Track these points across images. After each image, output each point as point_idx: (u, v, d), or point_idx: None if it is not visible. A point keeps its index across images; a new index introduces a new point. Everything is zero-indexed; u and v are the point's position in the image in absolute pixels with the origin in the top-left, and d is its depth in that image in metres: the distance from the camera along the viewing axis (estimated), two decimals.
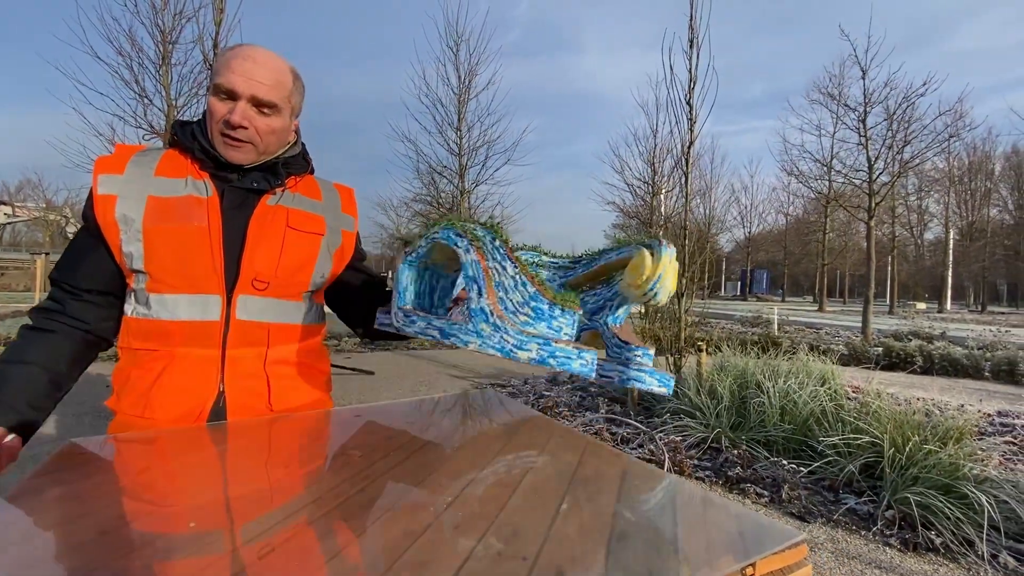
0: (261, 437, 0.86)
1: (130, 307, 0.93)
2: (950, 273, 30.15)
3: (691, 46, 4.35)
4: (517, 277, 0.73)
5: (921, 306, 30.34)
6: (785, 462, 3.12)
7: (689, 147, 4.36)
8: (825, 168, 16.34)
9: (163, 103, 8.14)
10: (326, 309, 1.21)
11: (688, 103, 4.31)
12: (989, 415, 4.36)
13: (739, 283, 43.47)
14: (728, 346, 5.57)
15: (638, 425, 3.75)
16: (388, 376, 6.17)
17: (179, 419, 0.90)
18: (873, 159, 10.49)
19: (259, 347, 0.97)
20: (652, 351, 0.71)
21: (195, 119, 1.03)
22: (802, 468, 3.04)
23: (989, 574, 2.16)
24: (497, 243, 0.74)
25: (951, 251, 30.19)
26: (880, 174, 10.44)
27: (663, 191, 14.40)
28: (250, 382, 0.96)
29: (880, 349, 8.15)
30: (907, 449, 2.76)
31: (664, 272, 0.73)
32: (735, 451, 3.32)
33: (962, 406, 4.47)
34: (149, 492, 0.65)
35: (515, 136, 14.28)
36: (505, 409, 1.06)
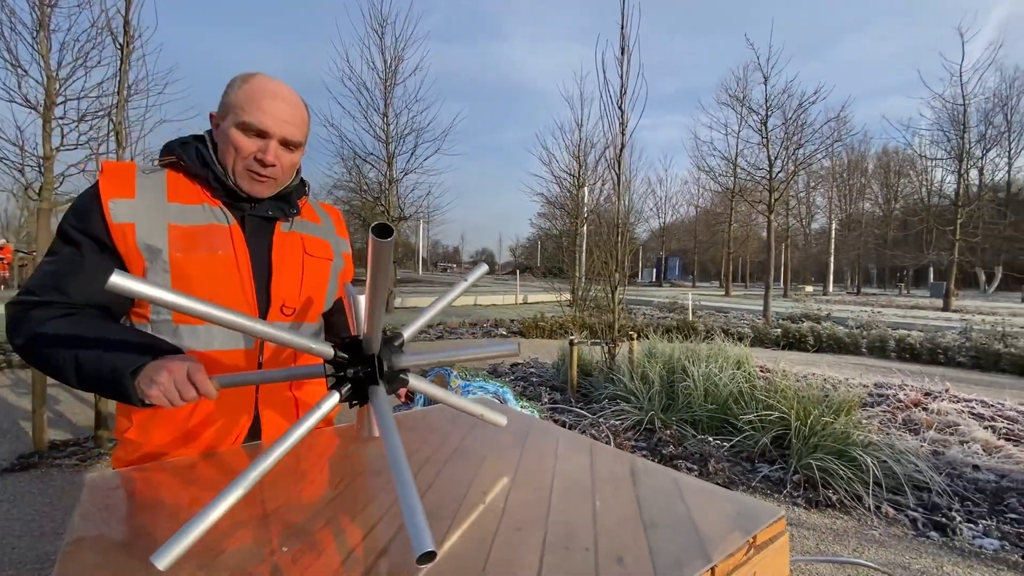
0: (293, 459, 0.90)
1: None
2: (832, 259, 34.04)
3: (622, 53, 4.61)
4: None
5: (809, 289, 34.00)
6: (710, 439, 3.49)
7: (621, 150, 4.63)
8: (731, 165, 17.73)
9: (41, 74, 7.20)
10: None
11: (620, 108, 4.57)
12: (867, 387, 5.09)
13: (654, 270, 46.02)
14: (654, 333, 6.01)
15: (581, 412, 4.00)
16: None
17: (216, 447, 0.92)
18: (773, 158, 11.61)
19: (286, 364, 1.00)
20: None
21: (191, 139, 0.98)
22: (724, 443, 3.42)
23: (874, 522, 2.60)
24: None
25: (833, 240, 34.03)
26: (779, 172, 11.58)
27: (587, 184, 14.98)
28: (281, 404, 1.00)
29: (779, 331, 9.13)
30: (809, 422, 3.21)
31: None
32: (667, 431, 3.65)
33: (848, 380, 5.20)
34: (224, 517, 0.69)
35: (444, 124, 14.14)
36: (506, 415, 1.17)
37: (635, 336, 4.85)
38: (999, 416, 4.17)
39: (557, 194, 18.28)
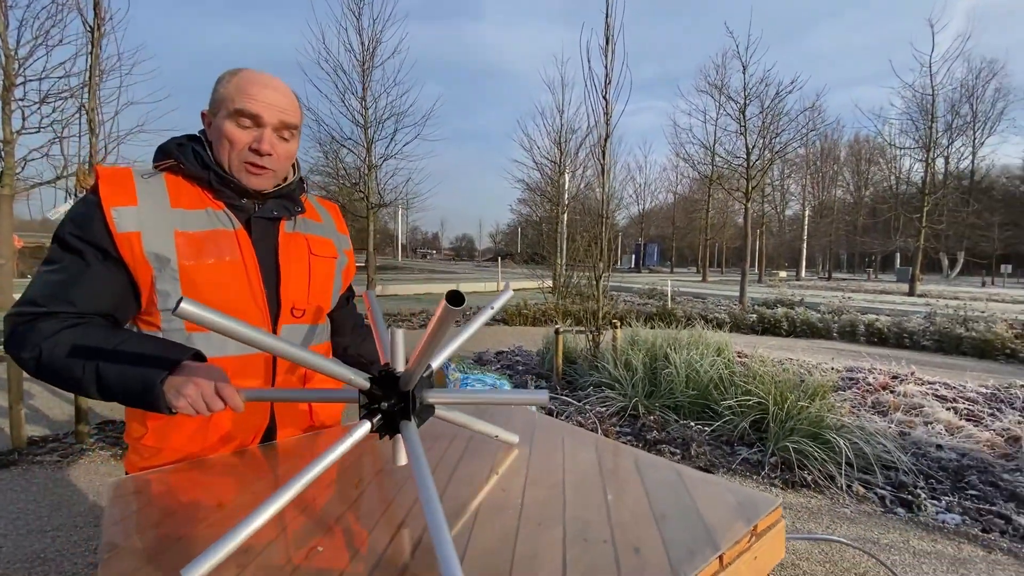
0: (305, 458, 0.93)
1: None
2: (805, 245, 34.94)
3: (607, 42, 4.62)
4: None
5: (783, 274, 34.92)
6: (692, 424, 3.61)
7: (605, 140, 4.66)
8: (709, 152, 17.97)
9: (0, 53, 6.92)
10: None
11: (604, 98, 4.59)
12: (839, 371, 5.30)
13: (633, 256, 46.48)
14: (635, 320, 6.13)
15: (567, 399, 4.08)
16: None
17: (235, 448, 0.94)
18: (751, 147, 11.80)
19: (300, 372, 1.02)
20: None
21: (185, 140, 0.95)
22: (706, 428, 3.55)
23: (845, 500, 2.75)
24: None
25: (806, 226, 34.89)
26: (756, 160, 11.79)
27: (568, 172, 15.01)
28: (295, 410, 1.01)
29: (755, 316, 9.39)
30: (786, 406, 3.34)
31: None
32: (651, 417, 3.76)
33: (820, 364, 5.40)
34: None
35: (424, 109, 13.91)
36: (512, 413, 1.21)
37: (618, 324, 4.94)
38: (960, 398, 4.41)
39: (538, 180, 18.28)
